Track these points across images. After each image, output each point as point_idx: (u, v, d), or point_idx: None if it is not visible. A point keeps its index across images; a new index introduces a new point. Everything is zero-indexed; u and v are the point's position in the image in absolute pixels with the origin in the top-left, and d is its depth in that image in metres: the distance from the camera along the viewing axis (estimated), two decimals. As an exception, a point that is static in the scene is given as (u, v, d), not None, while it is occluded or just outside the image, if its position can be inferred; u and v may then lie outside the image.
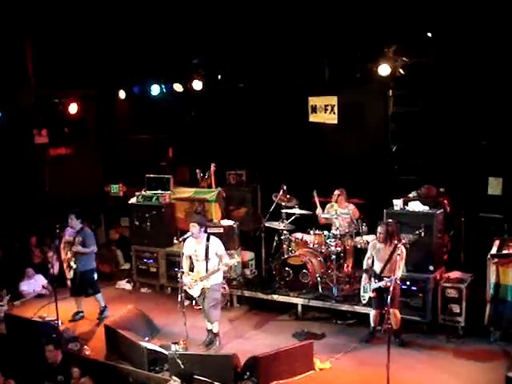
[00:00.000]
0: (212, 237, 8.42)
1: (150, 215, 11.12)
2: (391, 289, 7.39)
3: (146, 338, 8.56)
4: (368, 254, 8.48)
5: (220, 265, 8.24)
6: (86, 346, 8.68)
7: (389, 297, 7.26)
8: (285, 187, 10.10)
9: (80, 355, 8.34)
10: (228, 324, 9.40)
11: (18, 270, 11.37)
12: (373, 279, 8.26)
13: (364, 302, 8.50)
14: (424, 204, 8.97)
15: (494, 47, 8.99)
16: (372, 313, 8.52)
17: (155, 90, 12.20)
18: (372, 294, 8.26)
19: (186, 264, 8.44)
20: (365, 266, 8.48)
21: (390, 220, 8.65)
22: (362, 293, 8.47)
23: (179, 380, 7.07)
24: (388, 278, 7.93)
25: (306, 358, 7.73)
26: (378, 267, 8.27)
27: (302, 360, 7.69)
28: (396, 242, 8.13)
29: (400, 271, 7.87)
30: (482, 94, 9.57)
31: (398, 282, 7.85)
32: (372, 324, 8.53)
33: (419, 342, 8.47)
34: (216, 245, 8.32)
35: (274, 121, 11.83)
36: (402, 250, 7.95)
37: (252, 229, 11.56)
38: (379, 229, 8.29)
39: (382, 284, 8.07)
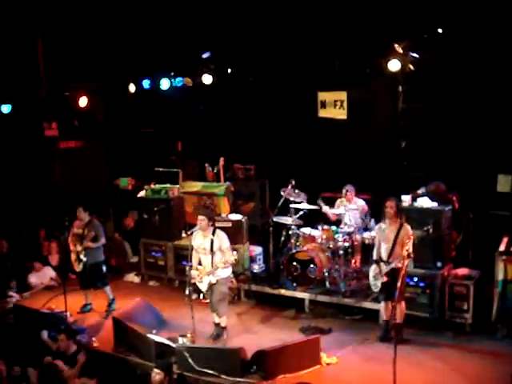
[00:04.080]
0: (218, 230, 8.41)
1: (159, 209, 11.16)
2: (401, 271, 7.35)
3: (154, 331, 8.58)
4: (376, 243, 8.39)
5: (219, 262, 8.18)
6: (94, 338, 8.74)
7: (396, 291, 7.27)
8: (293, 182, 10.12)
9: (89, 347, 8.41)
10: (235, 318, 9.44)
11: (26, 261, 11.44)
12: (382, 264, 8.15)
13: (376, 289, 8.33)
14: (432, 200, 8.96)
15: (504, 43, 8.95)
16: (382, 305, 8.51)
17: (165, 84, 12.19)
18: (385, 279, 8.10)
19: (194, 257, 8.45)
20: (375, 257, 8.36)
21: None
22: (373, 281, 8.33)
23: (162, 373, 7.08)
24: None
25: (312, 352, 7.74)
26: (385, 252, 8.15)
27: (308, 355, 7.71)
28: (401, 220, 8.11)
29: (410, 248, 7.64)
30: (492, 91, 9.52)
31: (410, 258, 7.70)
32: (384, 317, 8.46)
33: (426, 338, 8.44)
34: (221, 239, 8.29)
35: (283, 115, 11.82)
36: (407, 228, 7.96)
37: (260, 223, 11.58)
38: (388, 204, 8.15)
39: (393, 265, 7.94)
